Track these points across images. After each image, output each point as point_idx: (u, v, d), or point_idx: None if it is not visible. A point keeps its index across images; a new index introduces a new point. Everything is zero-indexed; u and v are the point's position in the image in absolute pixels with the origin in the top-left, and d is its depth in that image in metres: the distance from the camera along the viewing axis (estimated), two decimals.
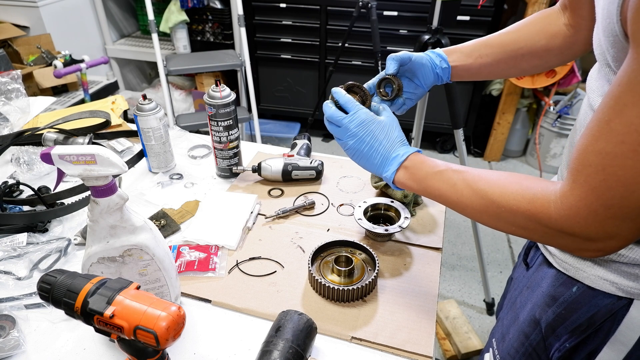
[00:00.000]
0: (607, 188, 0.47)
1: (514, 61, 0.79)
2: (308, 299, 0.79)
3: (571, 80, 2.47)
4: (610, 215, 0.47)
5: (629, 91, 0.44)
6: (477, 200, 0.59)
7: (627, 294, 0.58)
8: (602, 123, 0.47)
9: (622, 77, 0.46)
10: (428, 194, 0.66)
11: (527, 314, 0.71)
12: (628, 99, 0.44)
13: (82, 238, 0.90)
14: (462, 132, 1.72)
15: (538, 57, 0.78)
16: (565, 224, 0.51)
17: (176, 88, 3.12)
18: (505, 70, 0.82)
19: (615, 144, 0.46)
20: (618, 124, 0.45)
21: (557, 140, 2.74)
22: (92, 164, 0.58)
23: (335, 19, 2.77)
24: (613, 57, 0.51)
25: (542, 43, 0.76)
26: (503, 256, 2.26)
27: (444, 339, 1.82)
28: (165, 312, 0.51)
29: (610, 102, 0.46)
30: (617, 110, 0.45)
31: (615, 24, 0.48)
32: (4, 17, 2.49)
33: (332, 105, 0.74)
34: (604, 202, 0.47)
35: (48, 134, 1.18)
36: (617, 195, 0.46)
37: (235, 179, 1.13)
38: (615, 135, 0.46)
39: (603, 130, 0.47)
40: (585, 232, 0.50)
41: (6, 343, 0.69)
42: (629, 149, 0.45)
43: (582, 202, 0.49)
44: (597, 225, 0.49)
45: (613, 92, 0.46)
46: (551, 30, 0.76)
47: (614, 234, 0.49)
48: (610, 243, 0.50)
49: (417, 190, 0.67)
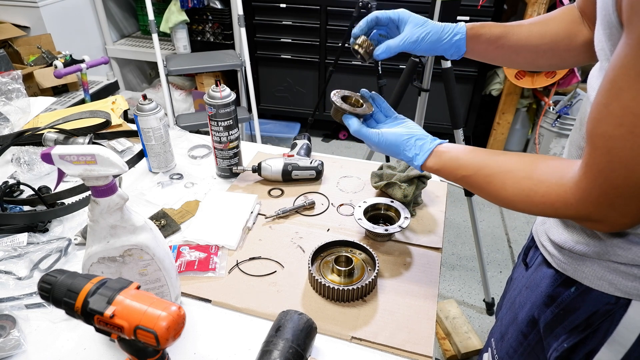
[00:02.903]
0: (612, 169, 0.49)
1: (533, 56, 0.78)
2: (308, 299, 0.80)
3: (571, 81, 2.47)
4: (619, 194, 0.50)
5: (623, 75, 0.46)
6: (504, 202, 0.63)
7: (626, 294, 0.58)
8: (601, 107, 0.49)
9: (616, 62, 0.47)
10: (456, 175, 0.69)
11: (525, 313, 0.71)
12: (623, 83, 0.46)
13: (83, 238, 0.91)
14: (462, 132, 1.72)
15: (558, 55, 0.77)
16: (581, 207, 0.53)
17: (176, 88, 3.12)
18: (521, 64, 0.81)
19: (614, 126, 0.47)
20: (616, 107, 0.47)
21: (557, 140, 2.73)
22: (92, 164, 0.58)
23: (335, 19, 2.77)
24: (612, 51, 0.52)
25: (565, 42, 0.75)
26: (503, 256, 2.27)
27: (443, 338, 1.82)
28: (165, 312, 0.52)
29: (607, 85, 0.48)
30: (614, 94, 0.47)
31: (612, 14, 0.49)
32: (4, 17, 2.49)
33: (353, 119, 0.77)
34: (611, 182, 0.49)
35: (48, 134, 1.18)
36: (621, 176, 0.48)
37: (235, 179, 1.13)
38: (614, 118, 0.47)
39: (603, 114, 0.49)
40: (599, 212, 0.52)
41: (7, 343, 0.69)
42: (627, 130, 0.46)
43: (594, 184, 0.51)
44: (609, 205, 0.51)
45: (609, 76, 0.48)
46: (574, 29, 0.75)
47: (626, 213, 0.51)
48: (624, 220, 0.52)
49: (446, 174, 0.70)
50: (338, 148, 3.21)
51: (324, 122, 3.26)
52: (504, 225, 2.47)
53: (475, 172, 0.65)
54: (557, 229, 0.67)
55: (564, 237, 0.64)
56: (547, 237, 0.69)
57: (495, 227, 2.45)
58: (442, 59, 1.59)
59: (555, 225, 0.67)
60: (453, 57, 0.79)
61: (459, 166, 0.67)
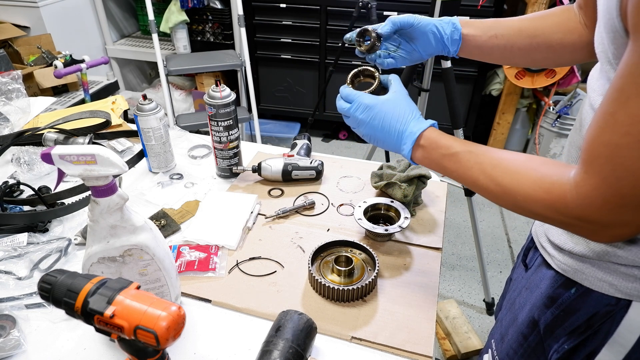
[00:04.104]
0: (617, 178, 0.48)
1: (528, 49, 0.77)
2: (308, 299, 0.79)
3: (571, 81, 2.47)
4: (624, 203, 0.48)
5: (631, 83, 0.45)
6: (493, 187, 0.60)
7: (626, 296, 0.58)
8: (607, 115, 0.48)
9: (623, 70, 0.46)
10: (446, 174, 0.66)
11: (525, 315, 0.71)
12: (631, 91, 0.45)
13: (83, 238, 0.90)
14: (462, 132, 1.72)
15: (552, 50, 0.77)
16: (582, 212, 0.52)
17: (176, 88, 3.12)
18: (517, 57, 0.80)
19: (621, 135, 0.46)
20: (622, 116, 0.46)
21: (556, 141, 2.73)
22: (92, 164, 0.58)
23: (335, 19, 2.77)
24: (614, 54, 0.52)
25: (559, 36, 0.75)
26: (503, 256, 2.27)
27: (443, 338, 1.82)
28: (165, 312, 0.52)
29: (614, 94, 0.47)
30: (621, 103, 0.46)
31: (615, 19, 0.49)
32: (4, 17, 2.49)
33: (340, 99, 0.75)
34: (616, 191, 0.48)
35: (48, 134, 1.18)
36: (628, 185, 0.47)
37: (235, 179, 1.13)
38: (620, 127, 0.46)
39: (608, 122, 0.48)
40: (601, 219, 0.51)
41: (7, 343, 0.69)
42: (634, 139, 0.45)
43: (596, 192, 0.50)
44: (611, 213, 0.50)
45: (616, 84, 0.47)
46: (569, 25, 0.75)
47: (628, 222, 0.50)
48: (625, 230, 0.51)
49: (436, 170, 0.68)
50: (338, 148, 3.21)
51: (324, 122, 3.26)
52: (504, 225, 2.47)
53: (483, 152, 0.62)
54: (557, 230, 0.66)
55: (564, 238, 0.64)
56: (547, 238, 0.69)
57: (495, 227, 2.45)
58: (443, 59, 1.59)
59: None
60: (452, 51, 0.80)
61: (464, 142, 0.65)
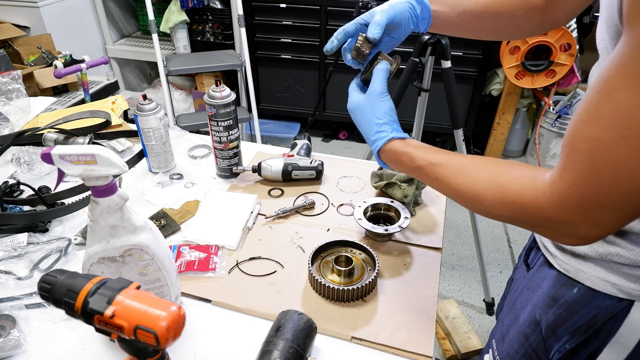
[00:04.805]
0: (595, 175, 0.45)
1: (493, 25, 0.80)
2: (308, 299, 0.79)
3: (571, 81, 2.47)
4: (598, 202, 0.46)
5: (619, 75, 0.43)
6: (459, 196, 0.60)
7: (628, 296, 0.58)
8: (590, 107, 0.46)
9: (612, 61, 0.44)
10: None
11: (527, 315, 0.71)
12: (618, 82, 0.43)
13: (83, 238, 0.90)
14: (462, 132, 1.72)
15: (516, 26, 0.80)
16: (553, 212, 0.49)
17: (176, 88, 3.12)
18: (483, 32, 0.83)
19: (604, 128, 0.44)
20: (607, 108, 0.44)
21: (556, 140, 2.73)
22: (92, 164, 0.58)
23: (335, 19, 2.77)
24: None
25: (522, 13, 0.77)
26: (503, 256, 2.27)
27: (443, 338, 1.82)
28: (165, 312, 0.51)
29: (599, 86, 0.45)
30: (606, 95, 0.44)
31: (616, 13, 0.47)
32: (4, 17, 2.49)
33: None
34: (593, 188, 0.46)
35: (48, 134, 1.18)
36: (606, 182, 0.45)
37: (235, 179, 1.13)
38: (603, 120, 0.44)
39: (591, 115, 0.46)
40: (572, 219, 0.48)
41: (6, 343, 0.69)
42: (617, 133, 0.43)
43: (571, 189, 0.47)
44: (584, 212, 0.47)
45: (603, 76, 0.45)
46: (530, 2, 0.77)
47: (599, 223, 0.47)
48: (594, 231, 0.49)
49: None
50: (338, 148, 3.21)
51: (324, 122, 3.26)
52: (504, 225, 2.47)
53: (446, 161, 0.62)
54: None
55: None
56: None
57: (495, 227, 2.45)
58: (441, 59, 1.59)
59: None
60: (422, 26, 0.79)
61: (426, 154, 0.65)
